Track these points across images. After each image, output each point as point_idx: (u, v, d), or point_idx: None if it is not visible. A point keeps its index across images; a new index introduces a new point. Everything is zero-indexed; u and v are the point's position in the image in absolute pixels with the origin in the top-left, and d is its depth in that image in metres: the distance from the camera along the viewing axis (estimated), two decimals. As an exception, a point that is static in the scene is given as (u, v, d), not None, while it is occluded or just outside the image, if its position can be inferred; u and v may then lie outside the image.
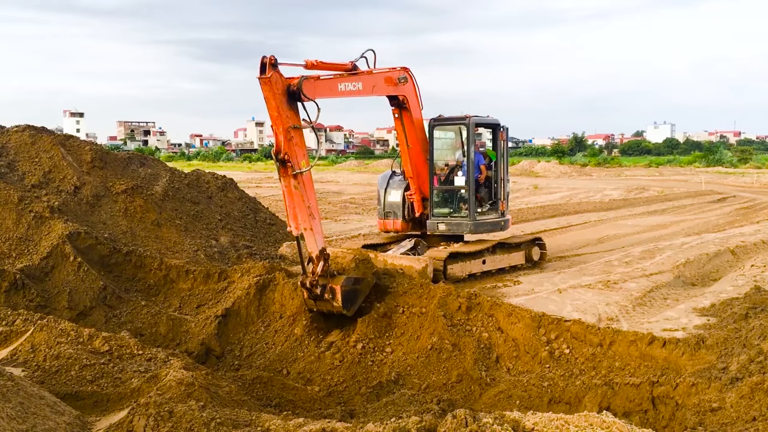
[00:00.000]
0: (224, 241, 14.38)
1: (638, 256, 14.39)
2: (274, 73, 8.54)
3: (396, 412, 6.65)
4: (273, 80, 8.51)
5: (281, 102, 8.63)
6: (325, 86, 9.74)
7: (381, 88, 11.42)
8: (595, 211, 25.39)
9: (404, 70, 11.92)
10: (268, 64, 8.48)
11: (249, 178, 43.66)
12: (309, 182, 8.84)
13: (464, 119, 12.87)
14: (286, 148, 8.51)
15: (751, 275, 12.03)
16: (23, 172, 13.49)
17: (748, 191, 35.00)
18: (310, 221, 8.71)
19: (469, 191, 12.78)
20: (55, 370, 6.89)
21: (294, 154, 8.55)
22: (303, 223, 8.68)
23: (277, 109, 8.56)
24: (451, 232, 12.97)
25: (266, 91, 8.54)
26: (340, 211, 25.18)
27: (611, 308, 10.25)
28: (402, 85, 11.79)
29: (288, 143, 8.54)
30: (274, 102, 8.54)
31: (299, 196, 8.64)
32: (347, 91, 10.27)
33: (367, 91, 10.89)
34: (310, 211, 8.72)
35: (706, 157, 70.75)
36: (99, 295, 10.50)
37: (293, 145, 8.58)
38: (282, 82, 8.67)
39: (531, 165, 59.55)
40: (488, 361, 8.30)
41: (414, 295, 9.29)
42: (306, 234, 8.74)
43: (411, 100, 12.22)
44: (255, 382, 7.71)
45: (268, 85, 8.49)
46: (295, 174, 8.57)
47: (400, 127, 12.62)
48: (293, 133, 8.64)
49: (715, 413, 5.95)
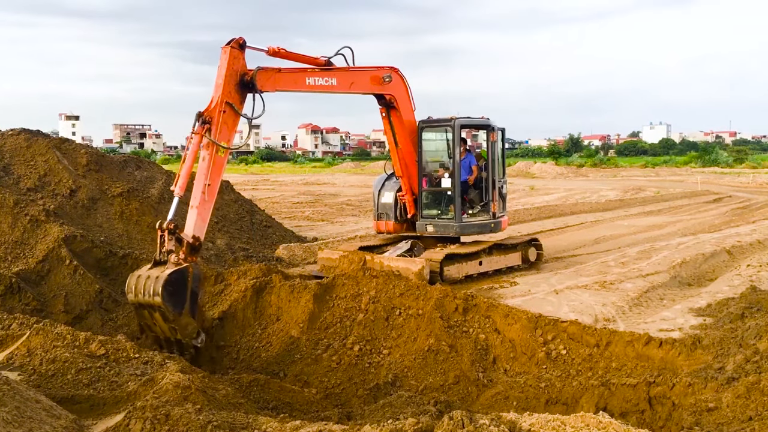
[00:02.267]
0: (221, 243, 14.37)
1: (634, 257, 14.40)
2: (236, 50, 8.71)
3: (393, 414, 6.64)
4: (233, 56, 8.68)
5: (231, 77, 8.71)
6: (289, 79, 9.75)
7: (363, 85, 11.44)
8: (592, 211, 25.43)
9: (392, 69, 11.91)
10: (235, 41, 8.70)
11: (245, 181, 43.64)
12: (220, 164, 8.60)
13: (450, 121, 12.83)
14: (213, 112, 8.50)
15: (747, 275, 12.05)
16: (19, 175, 13.46)
17: (744, 191, 35.09)
18: (201, 201, 8.37)
19: (454, 193, 12.75)
20: (51, 373, 6.87)
21: (219, 126, 8.46)
22: (193, 200, 8.40)
23: (224, 79, 8.62)
24: (439, 234, 12.94)
25: (222, 60, 8.67)
26: (336, 213, 25.17)
27: (608, 309, 10.25)
28: (387, 84, 11.76)
29: (217, 113, 8.52)
30: (225, 72, 8.62)
31: (204, 168, 8.41)
32: (317, 86, 10.28)
33: (344, 88, 10.90)
34: (205, 190, 8.40)
35: (702, 157, 70.93)
36: (95, 298, 10.49)
37: (222, 120, 8.52)
38: (240, 63, 8.80)
39: (527, 166, 59.56)
40: (485, 362, 8.31)
41: (411, 297, 9.28)
42: (190, 212, 8.39)
43: (401, 100, 12.20)
44: (252, 385, 7.69)
45: (226, 56, 8.65)
46: (209, 143, 8.42)
47: (387, 127, 12.63)
48: (227, 109, 8.61)
49: (712, 413, 5.96)
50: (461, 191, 12.84)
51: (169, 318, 8.05)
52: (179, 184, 8.36)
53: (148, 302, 7.99)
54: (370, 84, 11.54)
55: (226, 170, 9.40)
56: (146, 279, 8.03)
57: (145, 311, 8.21)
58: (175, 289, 7.97)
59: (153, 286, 7.92)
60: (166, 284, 7.87)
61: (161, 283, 7.87)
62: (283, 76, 9.61)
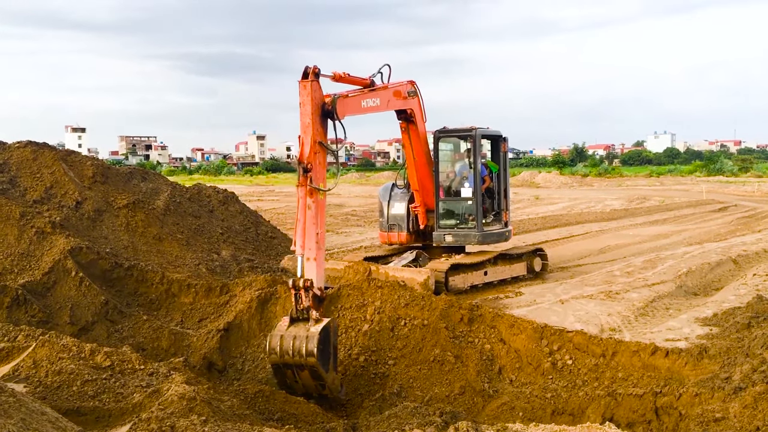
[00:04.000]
0: (226, 254, 14.39)
1: (640, 266, 14.38)
2: (316, 83, 8.39)
3: (399, 425, 6.63)
4: (313, 89, 8.34)
5: (316, 112, 8.38)
6: (352, 104, 9.49)
7: (393, 102, 11.40)
8: (597, 221, 25.40)
9: (411, 83, 12.00)
10: (311, 72, 8.34)
11: (250, 192, 43.73)
12: (322, 207, 8.46)
13: (470, 131, 13.01)
14: (311, 158, 8.22)
15: (753, 284, 12.02)
16: (25, 187, 13.52)
17: (749, 200, 35.00)
18: (316, 250, 8.22)
19: (476, 202, 12.84)
20: (56, 385, 6.88)
21: (316, 169, 8.26)
22: (308, 251, 8.18)
23: (311, 117, 8.29)
24: (458, 243, 13.03)
25: (304, 96, 8.31)
26: (341, 224, 25.20)
27: (613, 318, 10.23)
28: (411, 98, 11.85)
29: (313, 155, 8.26)
30: (310, 108, 8.28)
31: (312, 217, 8.22)
32: (368, 107, 10.15)
33: (383, 106, 10.85)
34: (318, 239, 8.25)
35: (707, 166, 70.84)
36: (101, 310, 10.50)
37: (317, 160, 8.29)
38: (320, 94, 8.47)
39: (532, 176, 59.60)
40: (491, 372, 8.29)
41: (416, 307, 9.27)
42: (308, 264, 8.17)
43: (417, 114, 12.30)
44: (257, 396, 7.68)
45: (306, 89, 8.29)
46: (311, 190, 8.19)
47: (407, 140, 12.68)
48: (319, 150, 8.36)
49: (719, 423, 5.93)
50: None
51: (321, 376, 7.71)
52: (299, 244, 8.12)
53: (299, 362, 7.65)
54: (396, 99, 11.48)
55: (232, 181, 9.34)
56: (293, 339, 7.67)
57: (288, 371, 7.85)
58: (324, 346, 7.70)
59: (305, 346, 7.57)
60: (318, 343, 7.57)
61: (314, 343, 7.55)
62: (349, 101, 9.35)
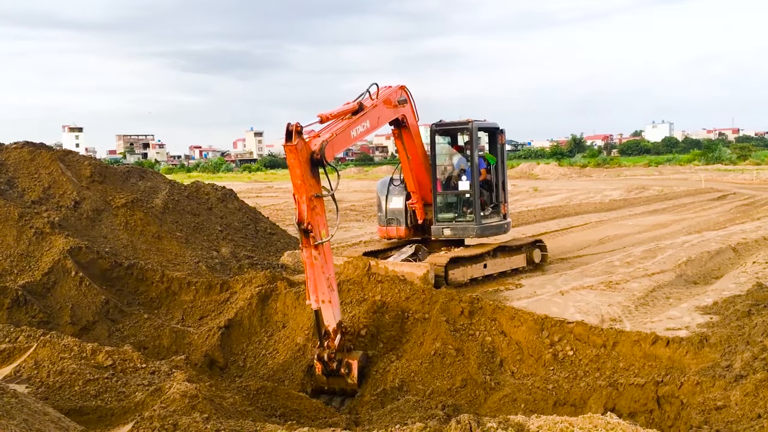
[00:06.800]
0: (225, 251, 14.38)
1: (640, 256, 14.38)
2: (300, 140, 8.24)
3: (401, 419, 6.65)
4: (299, 147, 8.19)
5: (305, 170, 8.29)
6: (340, 141, 9.38)
7: (384, 115, 11.15)
8: (596, 211, 25.40)
9: (401, 89, 11.76)
10: (294, 131, 8.17)
11: (249, 189, 43.68)
12: (328, 252, 8.48)
13: (467, 123, 12.93)
14: (309, 218, 8.17)
15: (753, 272, 12.02)
16: (23, 188, 13.51)
17: (748, 188, 35.01)
18: (329, 293, 8.33)
19: (474, 195, 12.82)
20: (58, 385, 6.88)
21: (316, 223, 8.23)
22: (322, 296, 8.28)
23: (301, 177, 8.20)
24: (457, 237, 13.01)
25: (292, 159, 8.21)
26: (340, 219, 25.15)
27: (614, 309, 10.24)
28: (401, 107, 11.66)
29: (311, 212, 8.21)
30: (299, 170, 8.19)
31: (319, 267, 8.26)
32: (359, 134, 9.98)
33: (374, 126, 10.60)
34: (329, 282, 8.36)
35: (705, 155, 70.84)
36: (101, 309, 10.51)
37: (315, 215, 8.25)
38: (307, 150, 8.37)
39: (530, 167, 59.56)
40: (492, 365, 8.29)
41: (416, 301, 9.28)
42: (323, 307, 8.29)
43: (409, 118, 12.15)
44: (259, 393, 7.70)
45: (294, 153, 8.16)
46: (317, 244, 8.21)
47: (400, 145, 12.60)
48: (315, 203, 8.33)
49: (720, 411, 5.94)
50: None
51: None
52: (314, 299, 8.29)
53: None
54: (387, 110, 11.25)
55: (230, 179, 9.31)
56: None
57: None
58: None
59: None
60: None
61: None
62: (338, 140, 9.23)
